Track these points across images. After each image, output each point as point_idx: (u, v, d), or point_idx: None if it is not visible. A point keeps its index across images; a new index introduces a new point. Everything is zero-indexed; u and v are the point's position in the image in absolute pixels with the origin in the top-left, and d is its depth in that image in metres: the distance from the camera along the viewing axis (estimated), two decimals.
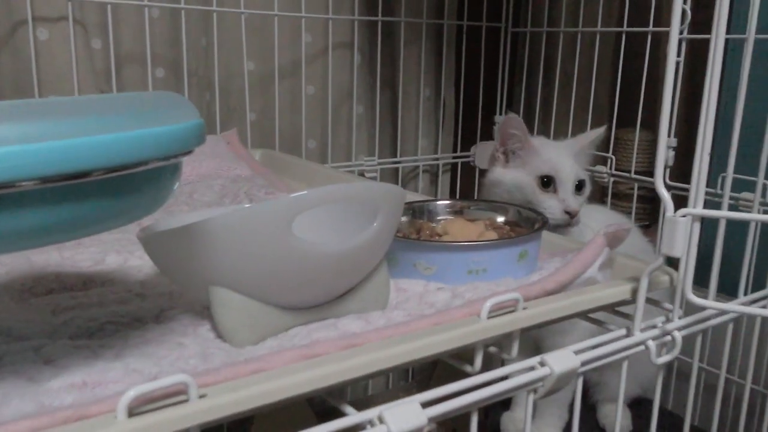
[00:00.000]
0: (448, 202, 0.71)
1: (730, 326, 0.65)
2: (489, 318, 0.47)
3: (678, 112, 1.18)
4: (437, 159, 1.49)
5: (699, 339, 0.63)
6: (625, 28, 1.27)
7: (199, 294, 0.48)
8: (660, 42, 1.28)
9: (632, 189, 1.32)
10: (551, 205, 0.96)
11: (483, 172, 1.09)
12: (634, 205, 1.31)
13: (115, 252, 0.64)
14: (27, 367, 0.40)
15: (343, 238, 0.47)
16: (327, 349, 0.42)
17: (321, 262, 0.46)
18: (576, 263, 0.55)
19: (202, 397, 0.36)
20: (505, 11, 1.47)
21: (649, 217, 1.47)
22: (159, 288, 0.55)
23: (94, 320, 0.48)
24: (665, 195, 0.51)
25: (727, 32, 0.50)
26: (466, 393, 0.44)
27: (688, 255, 0.53)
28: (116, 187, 0.34)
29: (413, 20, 1.37)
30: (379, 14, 1.32)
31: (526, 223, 0.67)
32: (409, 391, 0.49)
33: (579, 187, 0.99)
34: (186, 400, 0.35)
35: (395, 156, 1.44)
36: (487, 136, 1.49)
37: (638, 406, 1.11)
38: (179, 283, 0.49)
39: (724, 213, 0.54)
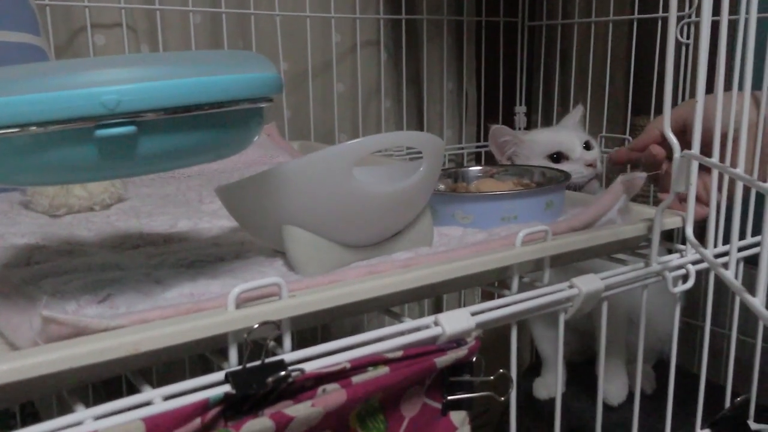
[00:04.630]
0: (480, 167, 0.78)
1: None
2: (522, 245, 0.55)
3: (688, 91, 1.25)
4: (462, 148, 1.57)
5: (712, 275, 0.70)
6: (636, 15, 1.34)
7: (271, 237, 0.55)
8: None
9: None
10: (572, 169, 0.97)
11: None
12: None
13: (185, 218, 0.72)
14: (142, 285, 0.48)
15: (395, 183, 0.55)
16: (387, 269, 0.50)
17: (377, 201, 0.53)
18: (597, 206, 0.63)
19: (291, 297, 0.44)
20: (521, 6, 1.55)
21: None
22: (231, 239, 0.63)
23: (184, 259, 0.56)
24: (672, 138, 0.58)
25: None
26: (508, 306, 0.52)
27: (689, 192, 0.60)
28: (217, 122, 0.42)
29: (434, 17, 1.46)
30: (403, 12, 1.40)
31: (551, 183, 0.74)
32: None
33: (587, 147, 1.02)
34: (278, 299, 0.43)
35: None
36: (509, 125, 1.56)
37: (663, 369, 1.16)
38: (253, 228, 0.57)
39: (714, 161, 0.59)
